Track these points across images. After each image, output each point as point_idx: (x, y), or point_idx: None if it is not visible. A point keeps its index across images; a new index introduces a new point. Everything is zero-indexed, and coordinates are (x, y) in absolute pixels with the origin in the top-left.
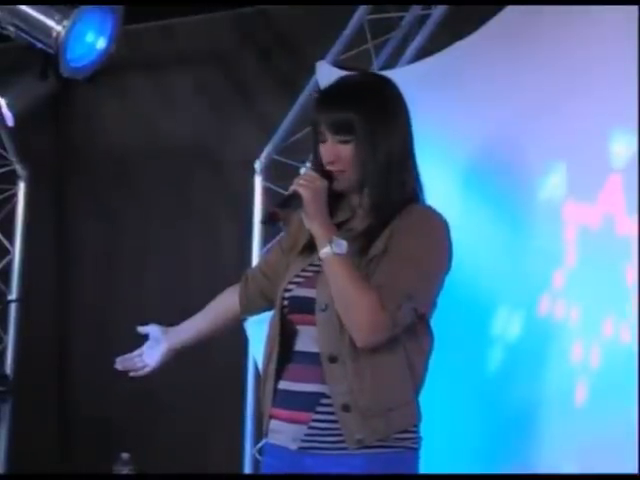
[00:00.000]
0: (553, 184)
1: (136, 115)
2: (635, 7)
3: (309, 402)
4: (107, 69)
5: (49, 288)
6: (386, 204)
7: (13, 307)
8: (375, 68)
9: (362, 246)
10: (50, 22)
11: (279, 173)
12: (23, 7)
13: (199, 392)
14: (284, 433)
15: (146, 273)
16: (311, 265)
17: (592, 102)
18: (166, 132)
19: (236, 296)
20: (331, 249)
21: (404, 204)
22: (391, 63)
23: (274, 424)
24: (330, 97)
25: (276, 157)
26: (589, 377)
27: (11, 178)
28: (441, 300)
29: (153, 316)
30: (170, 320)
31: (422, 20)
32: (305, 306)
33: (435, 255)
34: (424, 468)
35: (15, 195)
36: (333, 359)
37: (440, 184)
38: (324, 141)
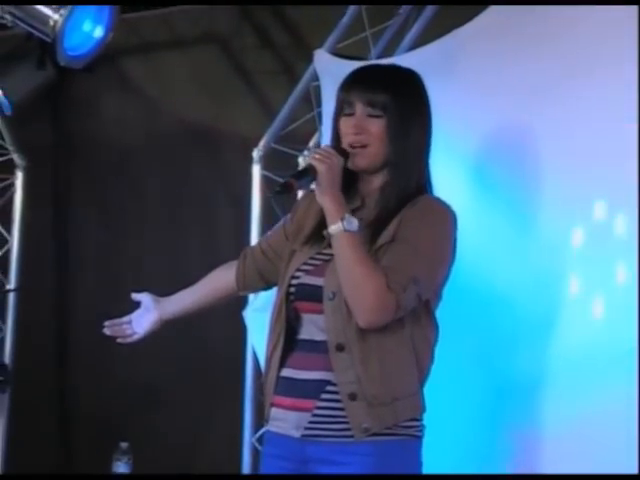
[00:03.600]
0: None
1: (134, 103)
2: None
3: (314, 390)
4: (105, 57)
5: (47, 277)
6: (404, 190)
7: (11, 296)
8: (373, 56)
9: (371, 235)
10: (47, 10)
11: (277, 162)
12: None
13: (198, 381)
14: (287, 421)
15: (145, 260)
16: (319, 254)
17: (591, 90)
18: (164, 120)
19: (233, 272)
20: (342, 225)
21: (415, 194)
22: (389, 51)
23: (276, 412)
24: (367, 74)
25: (274, 145)
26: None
27: (9, 167)
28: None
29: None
30: None
31: (420, 8)
32: (313, 294)
33: (441, 244)
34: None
35: (13, 184)
36: (340, 347)
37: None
38: (350, 114)
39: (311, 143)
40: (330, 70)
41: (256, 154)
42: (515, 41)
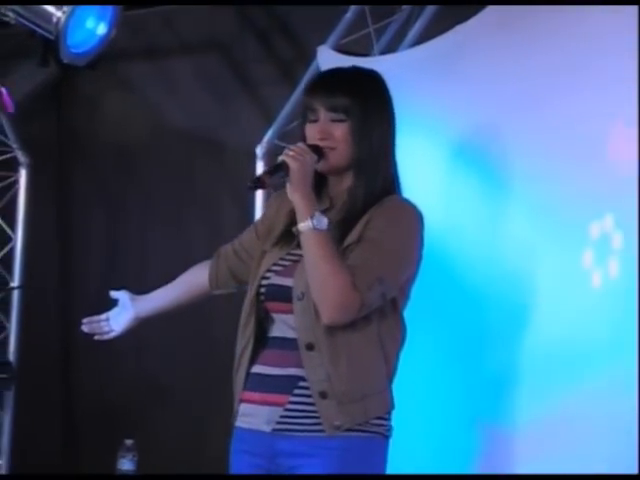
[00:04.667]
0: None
1: (137, 101)
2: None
3: (287, 385)
4: (108, 55)
5: (51, 275)
6: (371, 191)
7: (16, 294)
8: (376, 52)
9: (339, 235)
10: (50, 8)
11: None
12: None
13: (204, 379)
14: (257, 416)
15: (149, 259)
16: (289, 254)
17: (590, 90)
18: (167, 118)
19: (206, 272)
20: (311, 223)
21: (382, 194)
22: (392, 47)
23: (245, 407)
24: (328, 79)
25: (277, 142)
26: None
27: (13, 165)
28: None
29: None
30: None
31: (423, 4)
32: (282, 294)
33: (407, 244)
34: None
35: (17, 182)
36: (310, 347)
37: (439, 167)
38: (315, 120)
39: None
40: (333, 66)
41: (259, 151)
42: (517, 36)
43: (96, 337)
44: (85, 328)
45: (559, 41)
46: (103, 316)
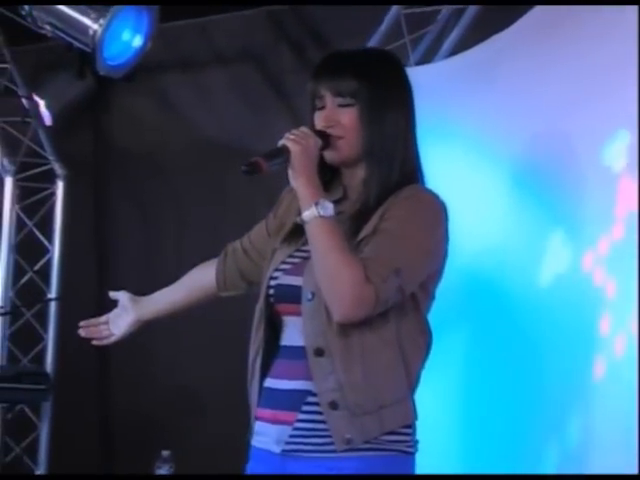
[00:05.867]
0: (594, 176)
1: (172, 113)
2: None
3: (294, 401)
4: (143, 67)
5: (88, 286)
6: (387, 181)
7: (53, 305)
8: (411, 63)
9: (354, 228)
10: (86, 21)
11: None
12: (59, 6)
13: (238, 387)
14: (268, 435)
15: (184, 269)
16: (298, 251)
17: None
18: (202, 129)
19: (213, 272)
20: (316, 211)
21: (400, 184)
22: (428, 58)
23: (258, 426)
24: (333, 61)
25: None
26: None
27: (50, 177)
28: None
29: (189, 312)
30: (208, 314)
31: (459, 14)
32: (291, 295)
33: (426, 234)
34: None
35: (54, 194)
36: (320, 352)
37: (474, 176)
38: (322, 107)
39: None
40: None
41: None
42: (553, 45)
43: (94, 342)
44: (82, 332)
45: (594, 46)
46: (102, 319)
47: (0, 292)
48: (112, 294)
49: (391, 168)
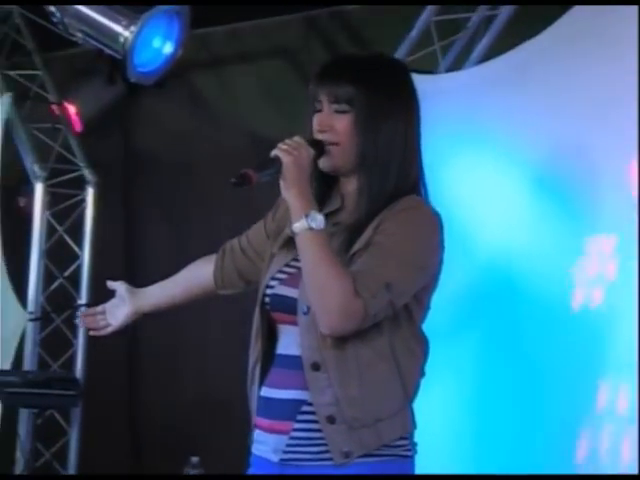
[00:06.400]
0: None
1: (202, 118)
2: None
3: (289, 410)
4: (174, 72)
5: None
6: (380, 192)
7: (82, 311)
8: (442, 69)
9: (347, 241)
10: (117, 28)
11: None
12: (91, 13)
13: None
14: (266, 444)
15: None
16: (295, 260)
17: None
18: (232, 134)
19: (211, 269)
20: (306, 223)
21: (397, 195)
22: (458, 64)
23: (257, 434)
24: (333, 67)
25: None
26: None
27: (80, 183)
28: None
29: (218, 317)
30: (238, 320)
31: (489, 21)
32: (287, 306)
33: (420, 249)
34: None
35: (84, 200)
36: (316, 367)
37: (502, 182)
38: (319, 110)
39: None
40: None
41: None
42: (586, 50)
43: (91, 333)
44: (80, 322)
45: (626, 51)
46: (99, 308)
47: (31, 298)
48: (110, 284)
49: (385, 179)
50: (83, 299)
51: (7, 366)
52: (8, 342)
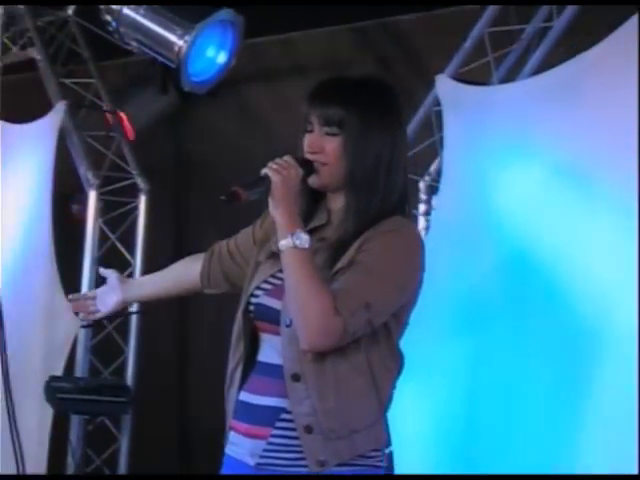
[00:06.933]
0: None
1: (253, 126)
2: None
3: (269, 417)
4: (227, 82)
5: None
6: (367, 210)
7: (134, 319)
8: (495, 81)
9: (330, 258)
10: (172, 37)
11: None
12: (146, 22)
13: None
14: (242, 447)
15: None
16: (280, 272)
17: None
18: (285, 144)
19: (198, 267)
20: (292, 241)
21: (382, 215)
22: (511, 76)
23: (233, 436)
24: (325, 89)
25: None
26: None
27: (132, 191)
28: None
29: None
30: None
31: (543, 33)
32: (270, 316)
33: (401, 269)
34: None
35: (136, 208)
36: (296, 378)
37: (552, 196)
38: (310, 131)
39: (432, 168)
40: (451, 95)
41: None
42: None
43: (81, 317)
44: (72, 306)
45: None
46: (90, 293)
47: None
48: (102, 271)
49: (371, 199)
50: (134, 306)
51: (59, 372)
52: (60, 348)
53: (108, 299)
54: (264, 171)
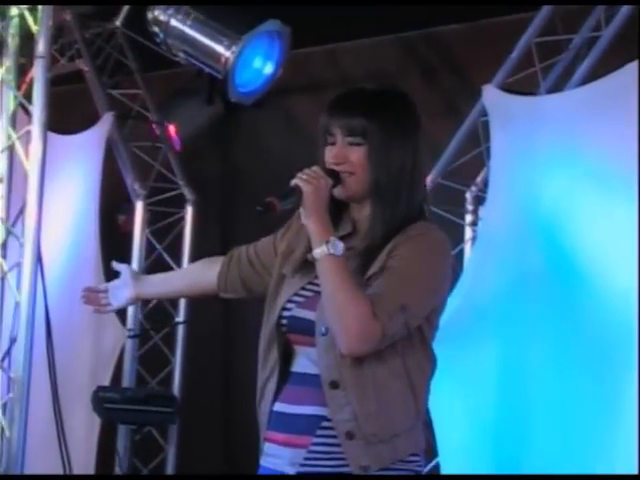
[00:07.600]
0: None
1: (301, 138)
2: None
3: (309, 425)
4: (272, 92)
5: (215, 310)
6: (393, 217)
7: (180, 329)
8: (542, 91)
9: (361, 265)
10: (219, 48)
11: (444, 197)
12: (193, 33)
13: None
14: (281, 457)
15: None
16: (310, 284)
17: None
18: None
19: (216, 271)
20: (327, 249)
21: (407, 222)
22: (559, 86)
23: (269, 447)
24: (347, 100)
25: (441, 181)
26: None
27: (179, 202)
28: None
29: None
30: None
31: (591, 42)
32: (304, 328)
33: (431, 272)
34: None
35: (183, 218)
36: (335, 385)
37: (597, 207)
38: (333, 143)
39: (479, 178)
40: (499, 105)
41: None
42: None
43: (94, 310)
44: (83, 299)
45: None
46: (102, 287)
47: (130, 315)
48: (115, 265)
49: (396, 206)
50: (181, 317)
51: (106, 382)
52: (107, 358)
53: (120, 294)
54: (294, 182)
